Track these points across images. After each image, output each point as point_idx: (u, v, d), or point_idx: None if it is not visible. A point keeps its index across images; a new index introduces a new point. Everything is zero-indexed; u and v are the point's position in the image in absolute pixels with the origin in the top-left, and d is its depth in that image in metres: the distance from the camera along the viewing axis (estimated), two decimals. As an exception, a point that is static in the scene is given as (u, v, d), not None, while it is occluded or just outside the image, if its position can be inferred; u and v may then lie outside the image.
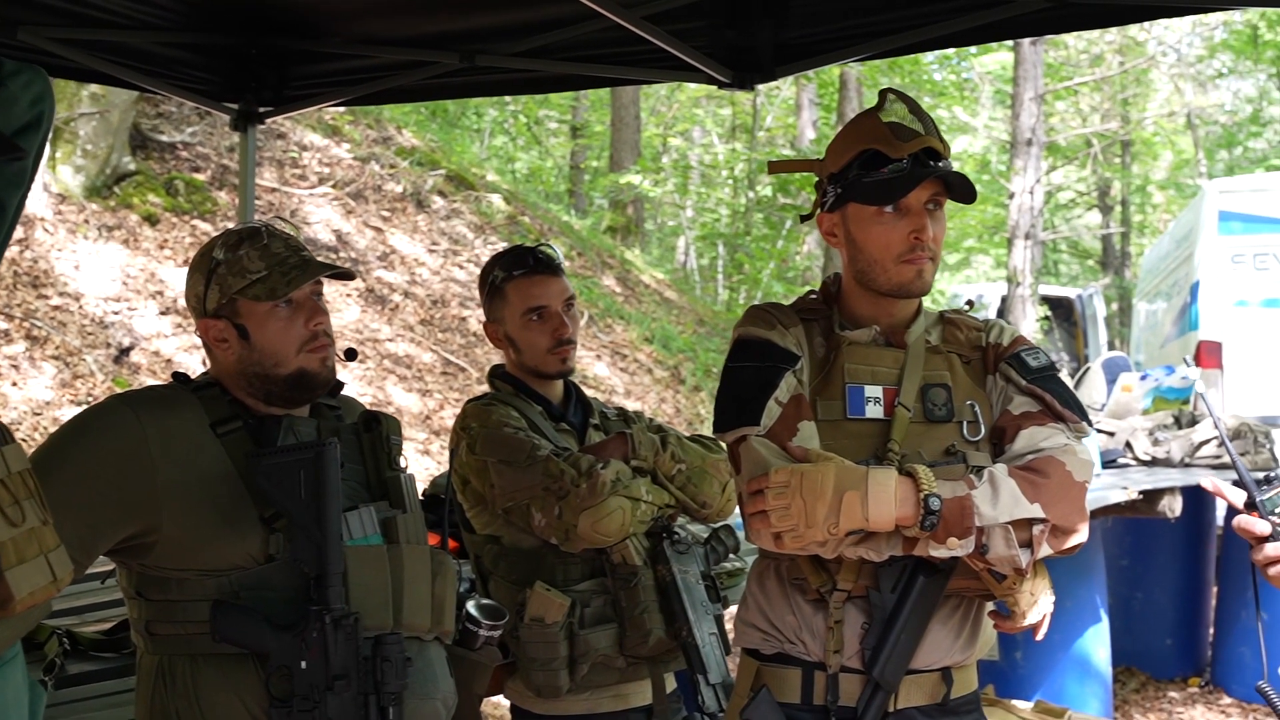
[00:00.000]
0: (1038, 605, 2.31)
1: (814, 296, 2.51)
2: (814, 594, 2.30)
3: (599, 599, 2.99)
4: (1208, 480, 2.21)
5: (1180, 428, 6.83)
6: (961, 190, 2.32)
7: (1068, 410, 2.32)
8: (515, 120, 22.79)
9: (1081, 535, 2.22)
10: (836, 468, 2.14)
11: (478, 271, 12.08)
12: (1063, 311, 17.52)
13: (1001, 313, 15.00)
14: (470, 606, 2.59)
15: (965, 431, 2.33)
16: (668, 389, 11.78)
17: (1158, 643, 7.08)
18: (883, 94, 2.41)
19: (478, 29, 4.11)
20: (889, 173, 2.30)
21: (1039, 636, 2.36)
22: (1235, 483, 2.12)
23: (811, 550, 2.18)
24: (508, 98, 18.63)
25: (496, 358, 10.64)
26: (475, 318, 10.91)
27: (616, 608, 2.99)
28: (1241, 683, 6.78)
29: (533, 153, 23.87)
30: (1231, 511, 6.52)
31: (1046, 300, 16.95)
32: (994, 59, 22.37)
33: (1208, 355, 9.23)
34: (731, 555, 3.25)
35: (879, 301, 2.39)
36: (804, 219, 2.61)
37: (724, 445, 3.22)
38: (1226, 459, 6.53)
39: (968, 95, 24.24)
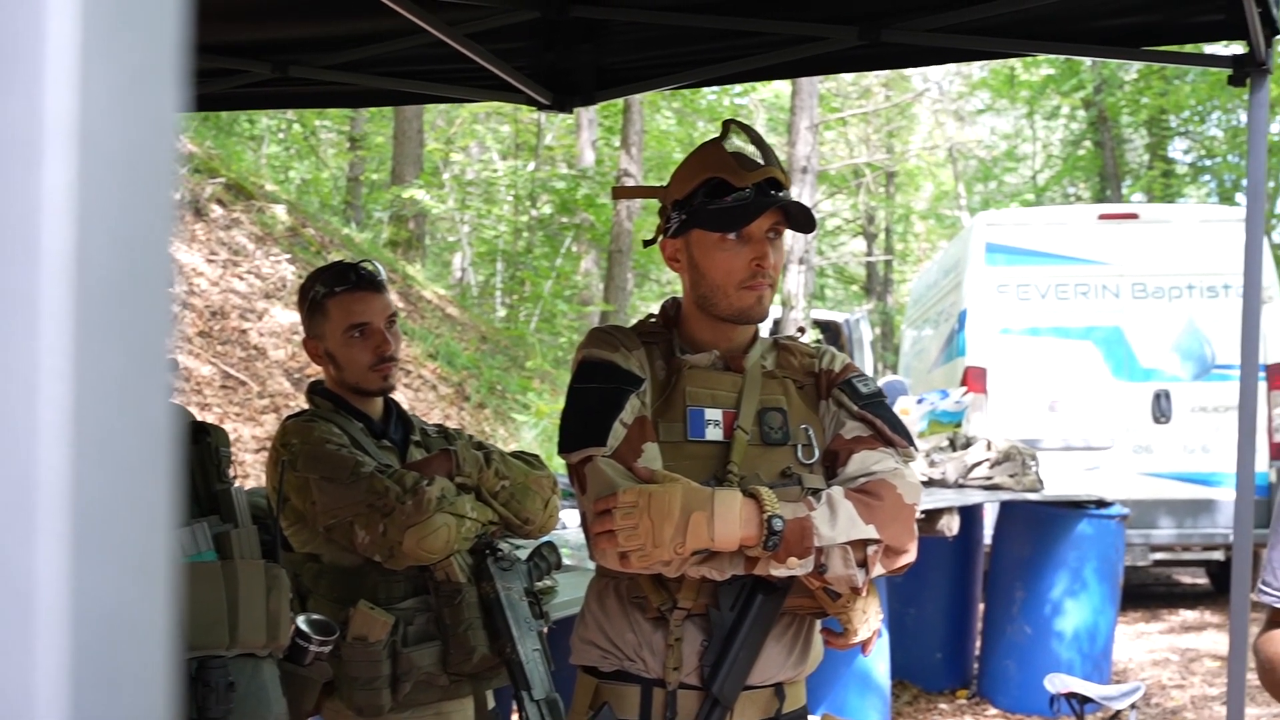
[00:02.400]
0: (868, 623, 2.40)
1: (654, 320, 2.57)
2: (654, 612, 2.34)
3: (422, 616, 2.99)
4: None
5: (954, 449, 7.12)
6: (801, 220, 2.40)
7: (897, 435, 2.43)
8: (290, 129, 22.35)
9: (911, 555, 2.32)
10: (684, 489, 2.19)
11: (258, 282, 11.87)
12: (830, 335, 18.00)
13: (776, 331, 15.33)
14: (300, 622, 2.55)
15: (800, 454, 2.41)
16: (452, 405, 11.72)
17: (929, 657, 7.34)
18: (726, 124, 2.48)
19: (292, 39, 4.05)
20: (733, 201, 2.37)
21: (868, 653, 2.46)
22: None
23: (656, 569, 2.23)
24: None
25: (278, 371, 10.44)
26: (256, 330, 10.66)
27: (440, 625, 2.99)
28: (1005, 694, 7.09)
29: (308, 163, 23.43)
30: (1000, 528, 6.80)
31: (817, 324, 17.42)
32: (769, 87, 22.96)
33: (974, 380, 9.61)
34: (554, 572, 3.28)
35: (719, 326, 2.46)
36: (646, 244, 2.66)
37: (543, 461, 3.27)
38: (997, 480, 6.84)
39: (743, 120, 24.74)
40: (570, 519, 4.46)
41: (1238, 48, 3.63)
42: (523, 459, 3.20)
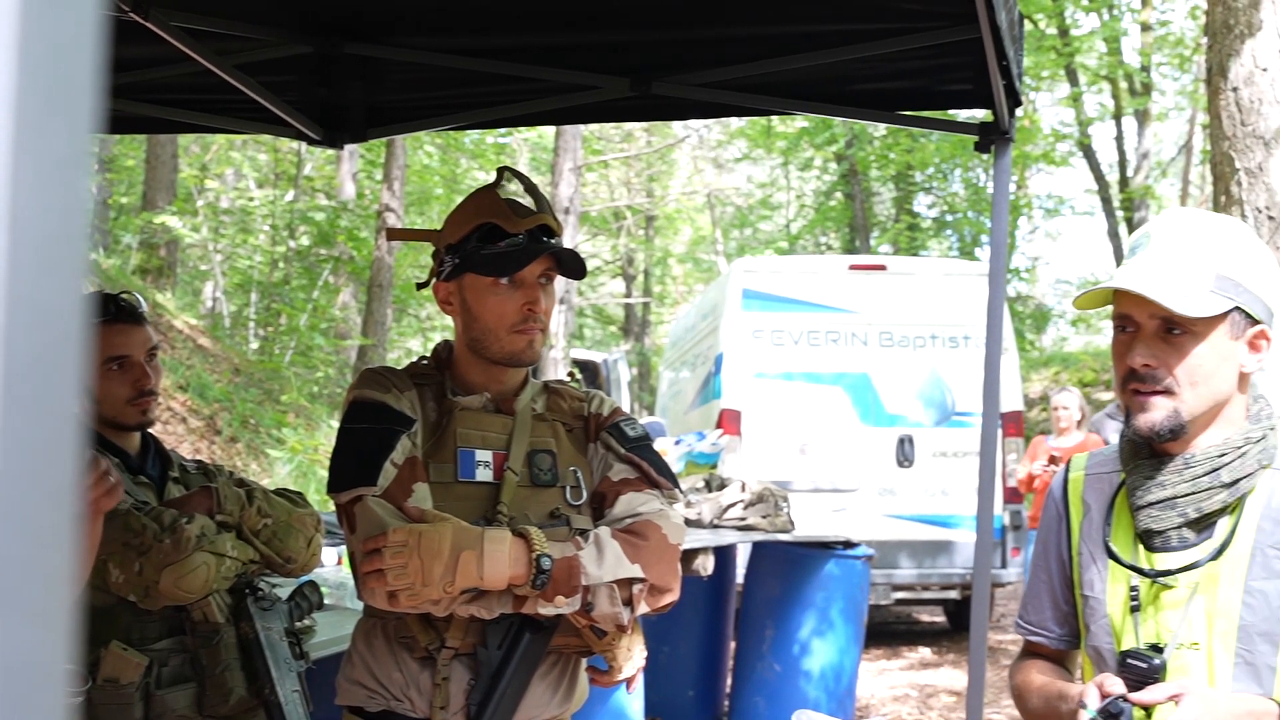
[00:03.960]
0: (633, 660, 2.46)
1: (426, 362, 2.59)
2: (422, 652, 2.36)
3: (178, 658, 2.92)
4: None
5: (710, 490, 7.26)
6: (572, 267, 2.47)
7: (662, 478, 2.51)
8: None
9: (675, 594, 2.39)
10: (454, 528, 2.22)
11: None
12: (589, 375, 18.22)
13: (535, 374, 15.38)
14: (47, 668, 2.46)
15: (568, 496, 2.47)
16: (202, 439, 11.40)
17: (681, 694, 7.42)
18: (500, 171, 2.54)
19: (50, 61, 3.92)
20: (506, 247, 2.42)
21: (631, 690, 2.52)
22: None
23: (425, 609, 2.24)
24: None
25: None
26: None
27: (196, 666, 2.92)
28: (755, 729, 7.24)
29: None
30: (752, 568, 6.92)
31: (576, 363, 17.59)
32: (534, 128, 23.08)
33: (729, 423, 9.81)
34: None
35: (490, 369, 2.50)
36: (420, 287, 2.68)
37: (307, 499, 3.24)
38: (750, 521, 7.00)
39: (505, 159, 24.90)
40: (329, 558, 4.41)
41: (984, 115, 3.85)
42: (286, 496, 3.16)
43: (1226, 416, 2.02)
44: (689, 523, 7.03)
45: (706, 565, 6.02)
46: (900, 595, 10.14)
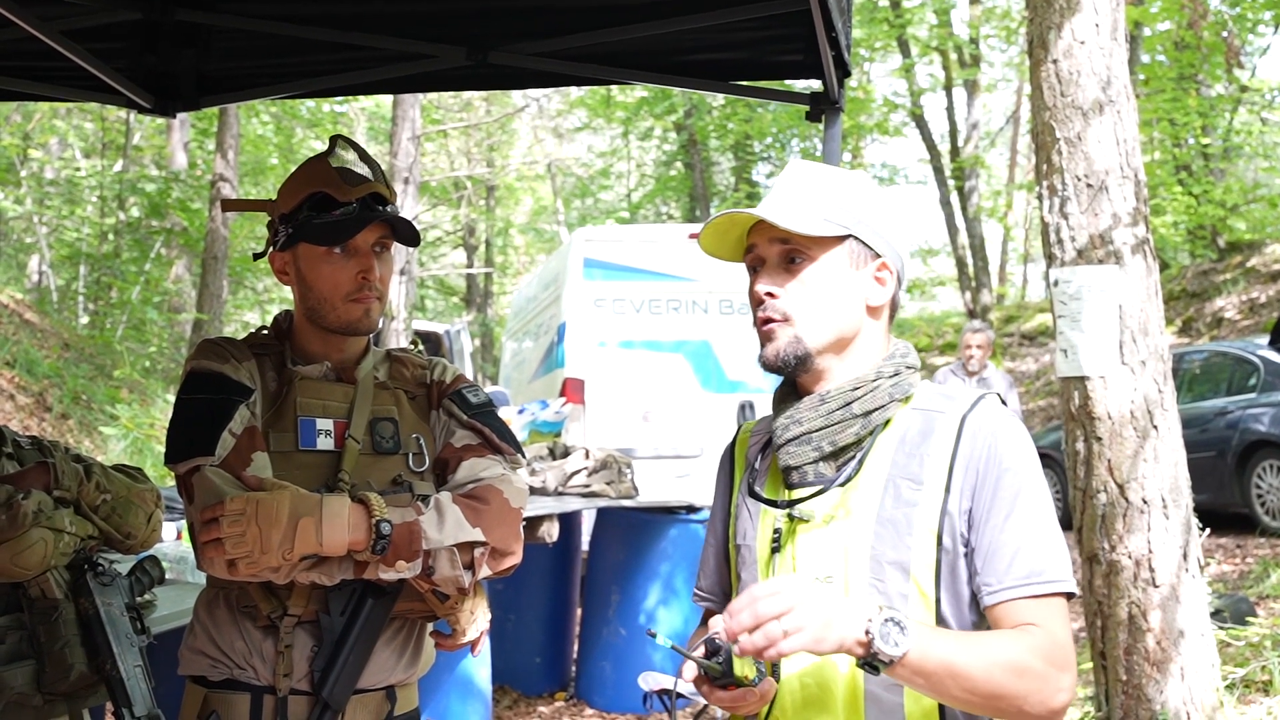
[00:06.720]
0: (476, 623, 2.50)
1: (265, 332, 2.58)
2: (265, 620, 2.36)
3: (15, 635, 2.86)
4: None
5: (554, 458, 7.30)
6: (406, 234, 2.48)
7: (504, 443, 2.54)
8: None
9: (517, 557, 2.43)
10: (292, 495, 2.22)
11: None
12: (431, 346, 18.10)
13: (377, 344, 15.26)
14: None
15: (411, 463, 2.49)
16: (32, 416, 11.07)
17: (528, 661, 7.48)
18: (333, 140, 2.54)
19: None
20: (339, 215, 2.43)
21: (476, 653, 2.55)
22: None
23: (265, 576, 2.25)
24: None
25: None
26: None
27: (35, 643, 2.87)
28: (601, 695, 7.32)
29: None
30: (597, 535, 6.95)
31: (418, 335, 17.47)
32: (372, 96, 22.76)
33: (572, 391, 9.87)
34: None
35: (329, 338, 2.51)
36: (256, 257, 2.66)
37: (146, 475, 3.20)
38: (595, 488, 7.06)
39: (342, 128, 24.56)
40: (169, 532, 4.36)
41: (815, 85, 3.94)
42: (125, 472, 3.12)
43: (860, 352, 2.07)
44: (534, 491, 7.06)
45: (551, 533, 6.06)
46: (742, 558, 10.26)
